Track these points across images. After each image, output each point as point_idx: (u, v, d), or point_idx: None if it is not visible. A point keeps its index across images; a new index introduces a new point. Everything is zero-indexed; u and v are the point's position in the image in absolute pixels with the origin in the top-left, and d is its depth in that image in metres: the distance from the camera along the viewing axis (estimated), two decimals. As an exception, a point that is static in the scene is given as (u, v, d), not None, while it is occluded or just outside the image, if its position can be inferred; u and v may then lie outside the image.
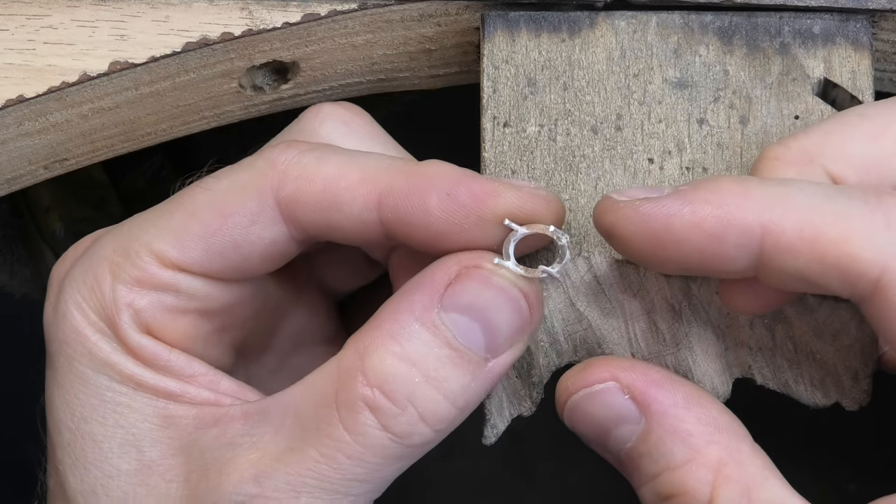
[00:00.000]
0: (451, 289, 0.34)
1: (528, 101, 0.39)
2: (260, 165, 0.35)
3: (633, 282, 0.38)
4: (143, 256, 0.35)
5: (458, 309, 0.34)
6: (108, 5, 0.41)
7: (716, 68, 0.40)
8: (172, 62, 0.40)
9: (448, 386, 0.33)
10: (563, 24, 0.40)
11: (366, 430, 0.33)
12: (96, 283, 0.35)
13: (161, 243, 0.35)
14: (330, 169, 0.35)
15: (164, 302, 0.35)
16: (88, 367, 0.35)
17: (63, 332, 0.35)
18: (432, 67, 0.43)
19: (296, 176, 0.35)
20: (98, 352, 0.35)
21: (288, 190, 0.35)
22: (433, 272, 0.34)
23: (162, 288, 0.35)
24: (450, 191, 0.34)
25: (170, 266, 0.35)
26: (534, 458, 0.65)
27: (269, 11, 0.41)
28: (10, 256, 0.56)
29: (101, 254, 0.35)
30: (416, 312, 0.33)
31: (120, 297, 0.35)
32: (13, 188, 0.43)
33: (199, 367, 0.35)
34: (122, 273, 0.35)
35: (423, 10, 0.41)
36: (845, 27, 0.40)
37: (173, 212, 0.35)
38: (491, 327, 0.34)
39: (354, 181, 0.34)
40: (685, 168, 0.39)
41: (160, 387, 0.35)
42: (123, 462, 0.34)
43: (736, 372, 0.38)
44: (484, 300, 0.34)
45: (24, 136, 0.41)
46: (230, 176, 0.35)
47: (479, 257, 0.34)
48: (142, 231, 0.35)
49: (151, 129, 0.43)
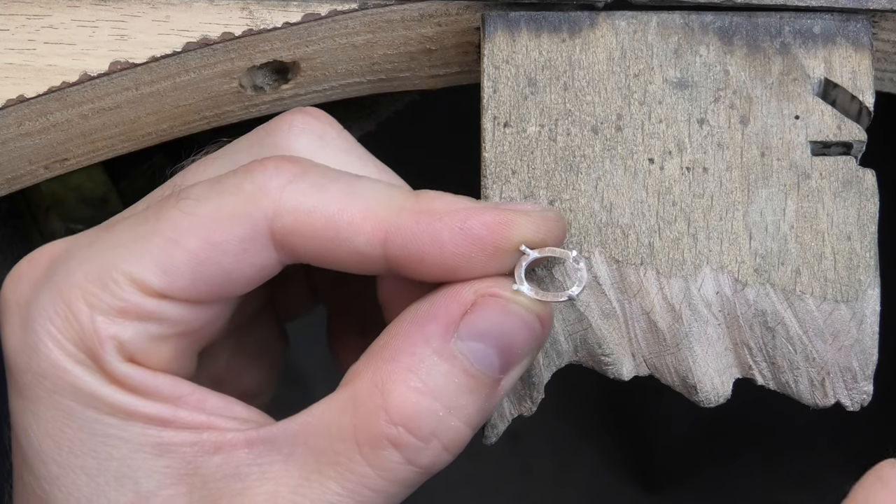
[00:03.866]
0: (468, 318, 0.34)
1: (529, 101, 0.39)
2: (250, 190, 0.34)
3: (632, 282, 0.38)
4: (124, 286, 0.33)
5: (474, 337, 0.34)
6: (109, 5, 0.41)
7: (716, 68, 0.39)
8: (173, 62, 0.40)
9: (468, 412, 0.34)
10: (563, 24, 0.40)
11: (391, 466, 0.33)
12: (71, 314, 0.33)
13: (142, 271, 0.33)
14: (329, 200, 0.34)
15: (149, 331, 0.34)
16: (73, 401, 0.33)
17: (39, 365, 0.34)
18: (432, 67, 0.43)
19: (293, 207, 0.33)
20: (82, 385, 0.33)
21: (286, 221, 0.34)
22: (447, 302, 0.34)
23: (146, 318, 0.34)
24: (461, 226, 0.34)
25: (153, 295, 0.33)
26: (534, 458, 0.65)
27: (269, 11, 0.41)
28: (10, 256, 0.56)
29: (71, 280, 0.34)
30: (434, 344, 0.33)
31: (101, 329, 0.33)
32: (13, 188, 0.43)
33: (185, 387, 0.34)
34: (100, 303, 0.33)
35: (424, 10, 0.41)
36: (846, 27, 0.40)
37: (151, 236, 0.34)
38: (507, 351, 0.34)
39: (358, 216, 0.34)
40: (685, 168, 0.39)
41: (152, 414, 0.34)
42: (121, 495, 0.33)
43: (736, 372, 0.38)
44: (502, 328, 0.34)
45: (25, 135, 0.41)
46: (214, 200, 0.34)
47: (495, 284, 0.34)
48: (117, 257, 0.34)
49: (151, 129, 0.43)
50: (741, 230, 0.38)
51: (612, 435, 0.68)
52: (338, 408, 0.34)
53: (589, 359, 0.38)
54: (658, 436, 0.69)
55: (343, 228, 0.34)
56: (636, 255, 0.38)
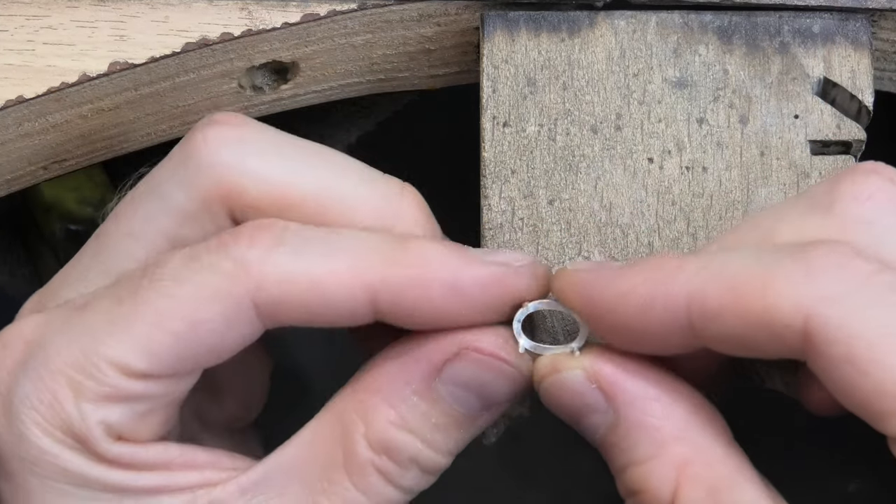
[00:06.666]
0: (451, 366, 0.34)
1: (528, 100, 0.39)
2: (228, 269, 0.33)
3: (632, 281, 0.38)
4: (107, 371, 0.33)
5: (455, 384, 0.34)
6: (108, 6, 0.41)
7: (715, 68, 0.40)
8: (172, 62, 0.40)
9: (446, 446, 0.35)
10: (562, 23, 0.40)
11: (378, 489, 0.34)
12: (56, 402, 0.33)
13: (125, 356, 0.33)
14: (312, 264, 0.33)
15: (135, 410, 0.34)
16: (67, 484, 0.33)
17: (27, 452, 0.33)
18: (432, 67, 0.43)
19: (276, 279, 0.33)
20: (74, 468, 0.33)
21: (271, 293, 0.33)
22: (430, 349, 0.34)
23: (132, 399, 0.34)
24: (453, 283, 0.33)
25: (138, 377, 0.33)
26: (534, 458, 0.65)
27: (268, 12, 0.41)
28: (9, 257, 0.56)
29: (53, 367, 0.33)
30: (414, 385, 0.34)
31: (88, 415, 0.33)
32: (13, 188, 0.43)
33: (173, 450, 0.35)
34: (85, 391, 0.33)
35: (423, 10, 0.41)
36: (845, 26, 0.40)
37: (132, 320, 0.33)
38: (487, 397, 0.35)
39: (344, 276, 0.33)
40: (685, 168, 0.39)
41: (147, 486, 0.34)
42: None
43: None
44: (483, 380, 0.34)
45: (24, 136, 0.41)
46: (191, 279, 0.33)
47: (478, 339, 0.34)
48: (97, 342, 0.33)
49: (151, 130, 0.43)
50: (741, 229, 0.38)
51: (612, 435, 0.68)
52: (324, 436, 0.35)
53: (589, 358, 0.38)
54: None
55: (330, 292, 0.33)
56: (636, 255, 0.38)
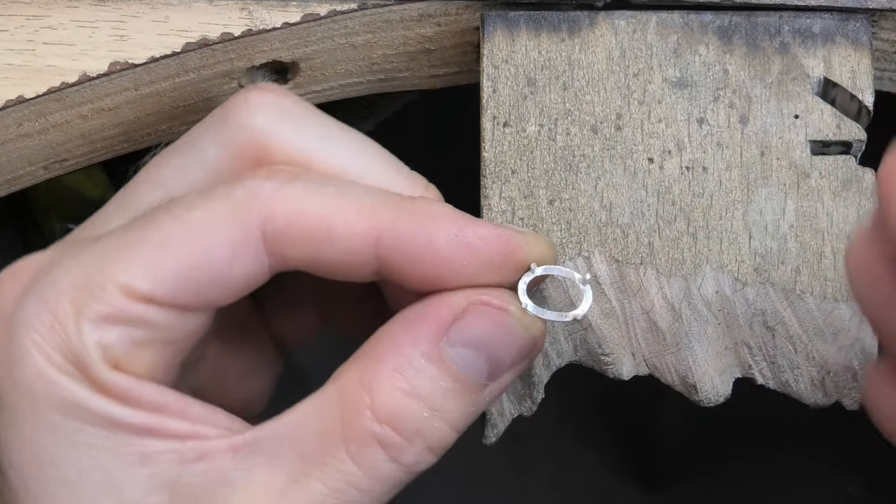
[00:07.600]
0: (459, 324, 0.34)
1: (528, 100, 0.39)
2: (240, 196, 0.33)
3: (632, 281, 0.38)
4: (110, 290, 0.33)
5: (464, 344, 0.34)
6: (108, 6, 0.41)
7: (715, 68, 0.40)
8: (172, 62, 0.40)
9: (453, 416, 0.34)
10: (562, 23, 0.40)
11: (376, 464, 0.33)
12: (57, 321, 0.33)
13: (129, 276, 0.33)
14: (322, 201, 0.34)
15: (134, 336, 0.33)
16: (57, 413, 0.33)
17: (24, 375, 0.33)
18: (432, 67, 0.43)
19: (285, 209, 0.33)
20: (68, 395, 0.33)
21: (278, 223, 0.33)
22: (438, 306, 0.34)
23: (131, 322, 0.33)
24: (458, 232, 0.34)
25: (140, 299, 0.33)
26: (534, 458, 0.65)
27: (268, 11, 0.41)
28: (9, 257, 0.56)
29: (58, 288, 0.33)
30: (422, 347, 0.33)
31: (87, 334, 0.33)
32: (13, 188, 0.43)
33: (169, 395, 0.34)
34: (86, 309, 0.33)
35: (423, 10, 0.41)
36: (845, 26, 0.40)
37: (139, 242, 0.33)
38: (496, 360, 0.34)
39: (351, 216, 0.33)
40: (685, 168, 0.39)
41: (137, 423, 0.33)
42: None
43: (736, 371, 0.38)
44: (492, 338, 0.34)
45: (24, 136, 0.41)
46: (203, 205, 0.33)
47: (488, 293, 0.34)
48: (104, 263, 0.33)
49: (151, 130, 0.43)
50: (741, 229, 0.38)
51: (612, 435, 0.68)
52: (324, 407, 0.34)
53: (589, 358, 0.38)
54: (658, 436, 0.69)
55: (336, 227, 0.33)
56: (636, 255, 0.38)
